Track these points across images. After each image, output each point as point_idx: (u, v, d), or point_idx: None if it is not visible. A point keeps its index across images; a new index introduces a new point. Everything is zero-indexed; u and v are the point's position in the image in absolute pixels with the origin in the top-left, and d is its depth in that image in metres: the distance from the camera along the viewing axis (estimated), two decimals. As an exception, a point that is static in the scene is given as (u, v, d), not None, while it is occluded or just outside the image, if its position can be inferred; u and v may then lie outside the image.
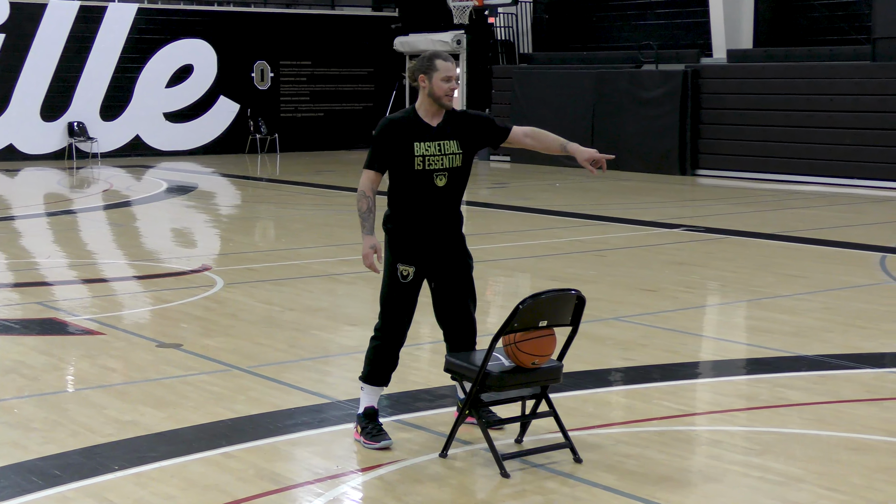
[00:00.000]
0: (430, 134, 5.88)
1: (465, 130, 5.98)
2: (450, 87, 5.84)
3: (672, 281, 11.20)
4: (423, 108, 5.93)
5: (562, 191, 20.66)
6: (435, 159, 5.86)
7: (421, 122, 5.90)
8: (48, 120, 26.22)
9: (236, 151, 28.49)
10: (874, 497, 5.27)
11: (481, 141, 6.06)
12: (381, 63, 30.78)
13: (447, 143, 5.90)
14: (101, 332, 8.75)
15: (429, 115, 5.91)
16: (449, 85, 5.84)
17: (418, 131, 5.87)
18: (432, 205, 5.91)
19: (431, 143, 5.86)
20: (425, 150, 5.85)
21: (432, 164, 5.86)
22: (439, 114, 5.93)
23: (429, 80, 5.86)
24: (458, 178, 5.97)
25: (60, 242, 14.27)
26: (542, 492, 5.34)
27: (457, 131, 5.95)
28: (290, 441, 6.10)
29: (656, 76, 23.71)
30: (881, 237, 14.43)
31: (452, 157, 5.91)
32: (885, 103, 20.80)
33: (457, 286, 6.05)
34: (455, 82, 5.88)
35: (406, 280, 5.93)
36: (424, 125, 5.89)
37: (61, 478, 5.46)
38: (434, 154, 5.86)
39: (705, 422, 6.60)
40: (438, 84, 5.84)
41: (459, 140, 5.95)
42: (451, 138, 5.92)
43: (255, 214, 17.78)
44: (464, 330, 6.08)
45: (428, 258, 5.96)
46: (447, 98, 5.87)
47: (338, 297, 10.43)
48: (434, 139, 5.87)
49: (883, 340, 8.65)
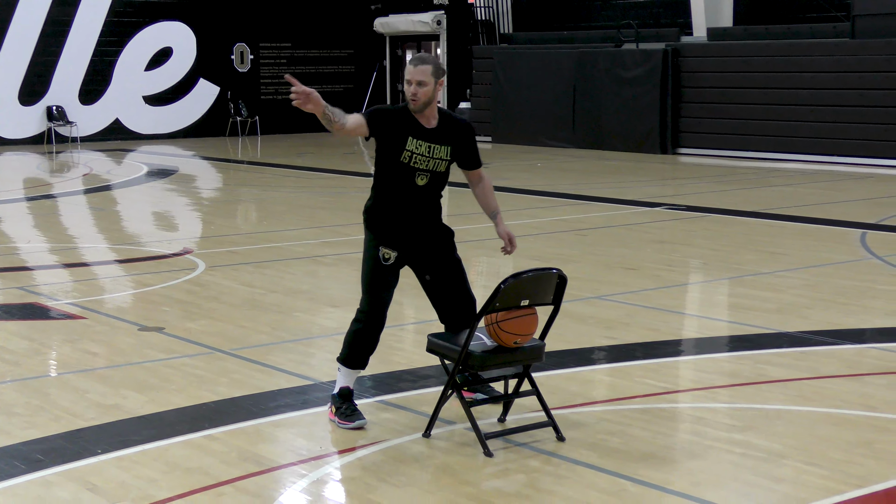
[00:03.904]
0: (425, 134, 5.89)
1: (457, 140, 6.00)
2: (413, 92, 5.83)
3: (654, 259, 11.23)
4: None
5: (543, 170, 20.66)
6: (422, 160, 5.88)
7: (414, 119, 5.89)
8: (27, 104, 26.06)
9: (217, 134, 28.40)
10: (855, 471, 5.30)
11: (459, 156, 6.07)
12: (362, 44, 30.70)
13: (438, 147, 5.91)
14: (83, 316, 8.72)
15: (420, 116, 5.90)
16: (409, 88, 5.83)
17: (414, 127, 5.87)
18: (411, 199, 5.94)
19: (423, 143, 5.88)
20: (415, 147, 5.86)
21: (417, 163, 5.88)
22: (433, 116, 5.92)
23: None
24: (439, 180, 6.02)
25: (41, 227, 14.20)
26: (525, 470, 5.36)
27: (451, 138, 5.96)
28: (273, 423, 6.10)
29: (637, 55, 23.71)
30: (861, 214, 14.49)
31: (438, 161, 5.94)
32: (864, 80, 20.87)
33: (449, 272, 6.05)
34: (416, 86, 5.82)
35: (388, 262, 5.94)
36: (418, 124, 5.89)
37: (44, 462, 5.45)
38: (422, 154, 5.88)
39: (688, 399, 6.62)
40: (406, 87, 5.88)
41: (451, 147, 5.97)
42: (443, 144, 5.93)
43: (236, 197, 17.73)
44: (468, 309, 6.04)
45: (409, 247, 5.97)
46: (412, 102, 5.86)
47: (320, 279, 10.42)
48: (427, 140, 5.89)
49: (863, 316, 8.70)
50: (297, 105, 5.62)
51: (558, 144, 24.86)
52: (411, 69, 5.85)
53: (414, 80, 5.83)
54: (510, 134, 25.92)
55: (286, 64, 29.66)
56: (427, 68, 5.84)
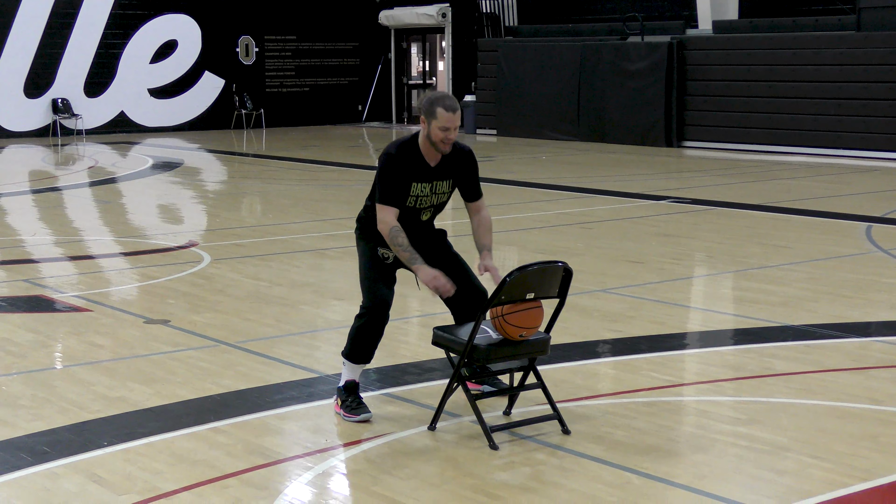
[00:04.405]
0: (428, 174, 5.89)
1: (458, 171, 5.99)
2: (446, 136, 5.78)
3: (658, 252, 11.23)
4: (424, 146, 5.89)
5: (547, 164, 20.65)
6: (426, 199, 5.92)
7: (422, 160, 5.87)
8: (32, 97, 26.08)
9: (221, 127, 28.40)
10: (859, 464, 5.31)
11: (461, 187, 6.06)
12: (367, 37, 30.68)
13: (441, 182, 5.93)
14: (89, 308, 8.74)
15: (429, 155, 5.89)
16: (445, 134, 5.77)
17: (418, 170, 5.86)
18: (412, 229, 5.95)
19: (427, 184, 5.89)
20: (420, 190, 5.88)
21: (422, 204, 5.92)
22: (437, 155, 5.91)
23: (428, 126, 5.81)
24: (441, 208, 6.07)
25: (46, 220, 14.22)
26: (530, 463, 5.37)
27: (452, 170, 5.96)
28: (279, 416, 6.11)
29: (642, 48, 23.67)
30: (866, 207, 14.47)
31: (441, 195, 5.98)
32: (869, 73, 20.83)
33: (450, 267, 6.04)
34: (454, 132, 5.79)
35: (387, 261, 5.97)
36: (424, 164, 5.87)
37: (50, 454, 5.47)
38: (426, 195, 5.91)
39: (693, 392, 6.63)
40: (435, 131, 5.79)
41: (453, 179, 5.99)
42: (445, 178, 5.94)
43: (241, 190, 17.74)
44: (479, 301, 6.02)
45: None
46: (443, 144, 5.81)
47: (325, 272, 10.43)
48: (430, 179, 5.90)
49: (868, 310, 8.70)
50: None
51: (563, 137, 24.84)
52: (451, 116, 5.75)
53: (453, 127, 5.78)
54: (515, 127, 25.91)
55: (291, 56, 29.66)
56: (460, 112, 5.85)
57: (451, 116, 5.77)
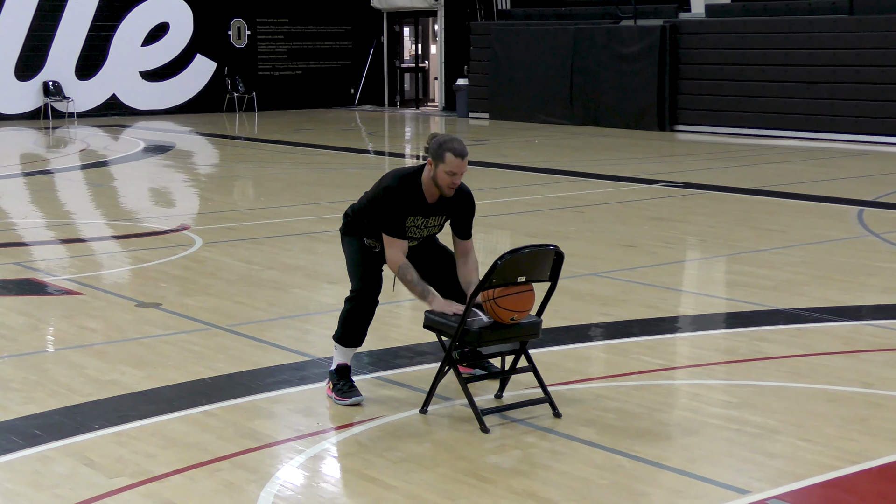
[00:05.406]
0: (425, 210, 5.89)
1: (455, 211, 5.98)
2: (452, 182, 5.77)
3: (651, 236, 11.24)
4: (427, 185, 5.86)
5: (540, 147, 20.63)
6: (419, 231, 5.94)
7: (421, 196, 5.86)
8: (23, 79, 25.98)
9: (214, 110, 28.33)
10: (849, 447, 5.33)
11: (453, 224, 6.04)
12: (359, 20, 30.59)
13: (435, 217, 5.95)
14: (80, 292, 8.72)
15: (429, 193, 5.88)
16: (452, 179, 5.76)
17: (416, 205, 5.85)
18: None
19: (421, 218, 5.90)
20: (413, 221, 5.89)
21: (414, 234, 5.93)
22: (437, 194, 5.90)
23: (435, 168, 5.78)
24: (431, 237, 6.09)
25: (37, 203, 14.19)
26: (521, 446, 5.38)
27: (448, 209, 5.96)
28: (271, 399, 6.11)
29: (634, 32, 23.64)
30: (858, 191, 14.49)
31: (433, 228, 6.00)
32: (861, 57, 20.83)
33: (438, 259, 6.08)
34: (460, 177, 5.78)
35: (375, 250, 5.98)
36: (423, 200, 5.87)
37: (42, 437, 5.47)
38: (419, 226, 5.93)
39: (684, 376, 6.64)
40: (442, 175, 5.76)
41: (447, 216, 5.99)
42: (440, 214, 5.95)
43: (233, 173, 17.71)
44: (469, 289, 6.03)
45: None
46: (448, 189, 5.80)
47: (317, 255, 10.42)
48: (426, 214, 5.91)
49: (859, 293, 8.72)
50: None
51: (556, 121, 24.82)
52: (460, 162, 5.72)
53: (460, 173, 5.77)
54: (508, 110, 25.87)
55: (283, 40, 29.57)
56: (468, 157, 5.81)
57: (459, 162, 5.74)
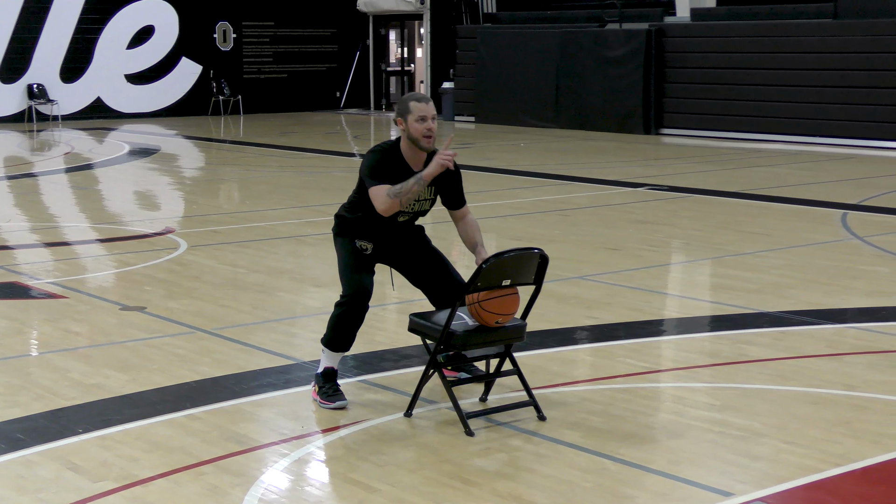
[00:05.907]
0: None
1: (443, 183, 5.95)
2: (426, 127, 5.75)
3: (636, 240, 11.26)
4: (406, 150, 5.86)
5: (526, 151, 20.66)
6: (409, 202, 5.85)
7: (405, 164, 5.84)
8: (7, 82, 25.90)
9: (199, 113, 28.28)
10: (833, 450, 5.34)
11: (444, 197, 6.04)
12: (345, 24, 30.59)
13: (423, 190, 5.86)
14: (64, 295, 8.70)
15: (412, 160, 5.85)
16: (425, 125, 5.75)
17: (402, 174, 5.81)
18: (387, 229, 5.97)
19: None
20: None
21: (405, 207, 5.85)
22: (422, 159, 5.88)
23: (405, 122, 5.78)
24: (420, 215, 6.05)
25: (21, 206, 14.14)
26: (506, 449, 5.38)
27: (437, 180, 5.90)
28: (255, 402, 6.10)
29: (620, 35, 23.69)
30: (843, 194, 14.55)
31: (422, 202, 5.95)
32: (847, 61, 20.92)
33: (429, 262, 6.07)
34: (431, 121, 5.78)
35: (366, 252, 5.97)
36: (408, 169, 5.83)
37: (25, 441, 5.45)
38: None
39: (669, 378, 6.66)
40: (413, 125, 5.76)
41: (435, 187, 5.95)
42: (428, 185, 5.87)
43: (218, 176, 17.67)
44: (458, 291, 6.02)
45: (383, 247, 6.02)
46: (425, 140, 5.78)
47: (303, 258, 10.41)
48: None
49: (844, 296, 8.75)
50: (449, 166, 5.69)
51: (542, 124, 24.84)
52: (424, 106, 5.76)
53: (429, 116, 5.77)
54: (493, 114, 25.89)
55: (269, 43, 29.54)
56: (432, 103, 5.83)
57: (424, 106, 5.77)
